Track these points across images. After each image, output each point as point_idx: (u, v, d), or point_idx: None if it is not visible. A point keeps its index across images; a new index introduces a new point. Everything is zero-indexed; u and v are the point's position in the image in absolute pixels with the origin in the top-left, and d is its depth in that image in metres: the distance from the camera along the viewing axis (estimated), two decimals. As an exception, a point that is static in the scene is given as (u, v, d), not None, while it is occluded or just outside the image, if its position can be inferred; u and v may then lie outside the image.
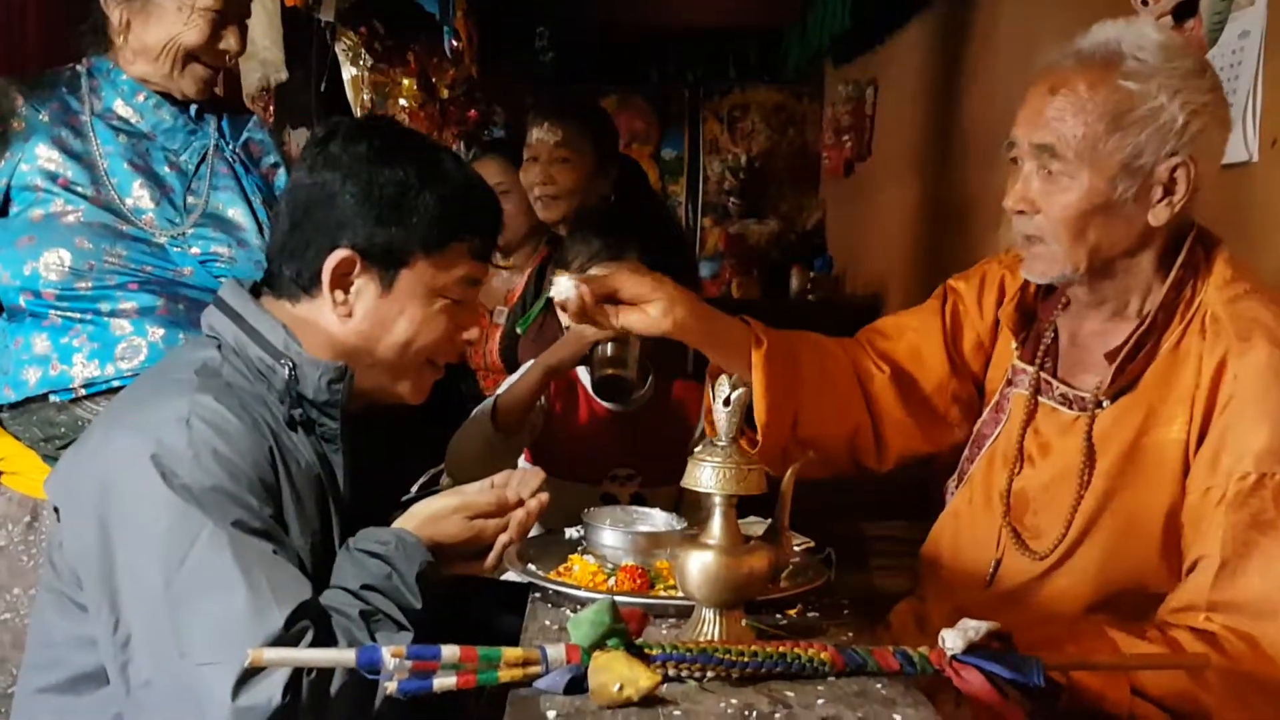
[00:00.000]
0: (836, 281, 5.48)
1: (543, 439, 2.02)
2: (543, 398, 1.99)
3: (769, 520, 1.35)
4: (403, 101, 4.86)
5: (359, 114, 4.46)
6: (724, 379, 1.23)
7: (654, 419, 2.00)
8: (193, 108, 1.82)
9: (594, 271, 1.86)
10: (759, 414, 1.51)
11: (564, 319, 2.01)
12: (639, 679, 1.02)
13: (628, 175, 3.05)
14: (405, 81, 4.82)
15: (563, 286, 1.40)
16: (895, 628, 1.67)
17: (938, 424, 1.67)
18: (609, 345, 1.86)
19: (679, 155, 6.22)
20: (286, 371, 1.29)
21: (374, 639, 1.19)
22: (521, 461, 2.08)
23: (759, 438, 1.51)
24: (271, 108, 3.79)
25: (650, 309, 1.45)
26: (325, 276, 1.31)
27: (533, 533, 1.76)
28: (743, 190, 6.14)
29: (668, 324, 1.45)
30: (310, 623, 1.15)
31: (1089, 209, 1.40)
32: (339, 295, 1.32)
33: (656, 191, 5.52)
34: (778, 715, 1.02)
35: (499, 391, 2.01)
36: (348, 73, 4.41)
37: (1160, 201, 1.41)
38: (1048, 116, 1.40)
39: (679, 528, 1.52)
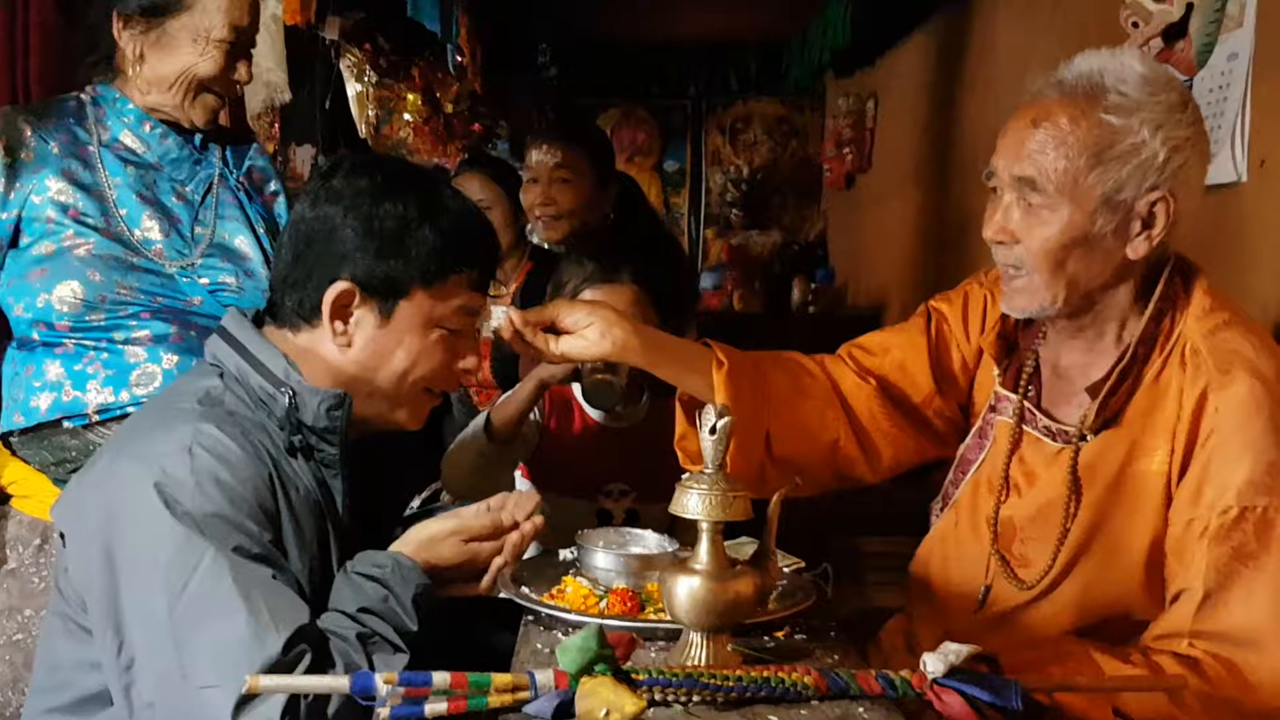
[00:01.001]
0: (838, 293, 5.50)
1: (538, 455, 2.05)
2: (536, 412, 2.02)
3: (759, 541, 1.38)
4: (407, 116, 4.89)
5: (363, 130, 4.50)
6: (710, 408, 1.26)
7: (649, 435, 2.02)
8: (197, 137, 1.84)
9: (586, 295, 1.90)
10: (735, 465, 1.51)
11: None
12: (624, 705, 1.05)
13: (625, 194, 3.08)
14: (410, 97, 4.86)
15: (496, 315, 1.45)
16: (885, 646, 1.70)
17: (926, 435, 1.68)
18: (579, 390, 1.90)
19: (681, 167, 6.25)
20: (287, 400, 1.32)
21: (371, 661, 1.22)
22: (519, 480, 2.11)
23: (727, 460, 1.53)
24: (276, 125, 3.84)
25: (588, 333, 1.49)
26: (325, 308, 1.34)
27: (530, 551, 1.80)
28: (745, 202, 6.17)
29: (606, 345, 1.48)
30: (308, 646, 1.18)
31: (1068, 242, 1.41)
32: (339, 326, 1.35)
33: (654, 209, 5.55)
34: (760, 739, 1.05)
35: (495, 404, 2.05)
36: (352, 89, 4.45)
37: (1139, 235, 1.42)
38: (1029, 149, 1.41)
39: (670, 549, 1.55)
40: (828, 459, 1.65)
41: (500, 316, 1.46)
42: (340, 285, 1.34)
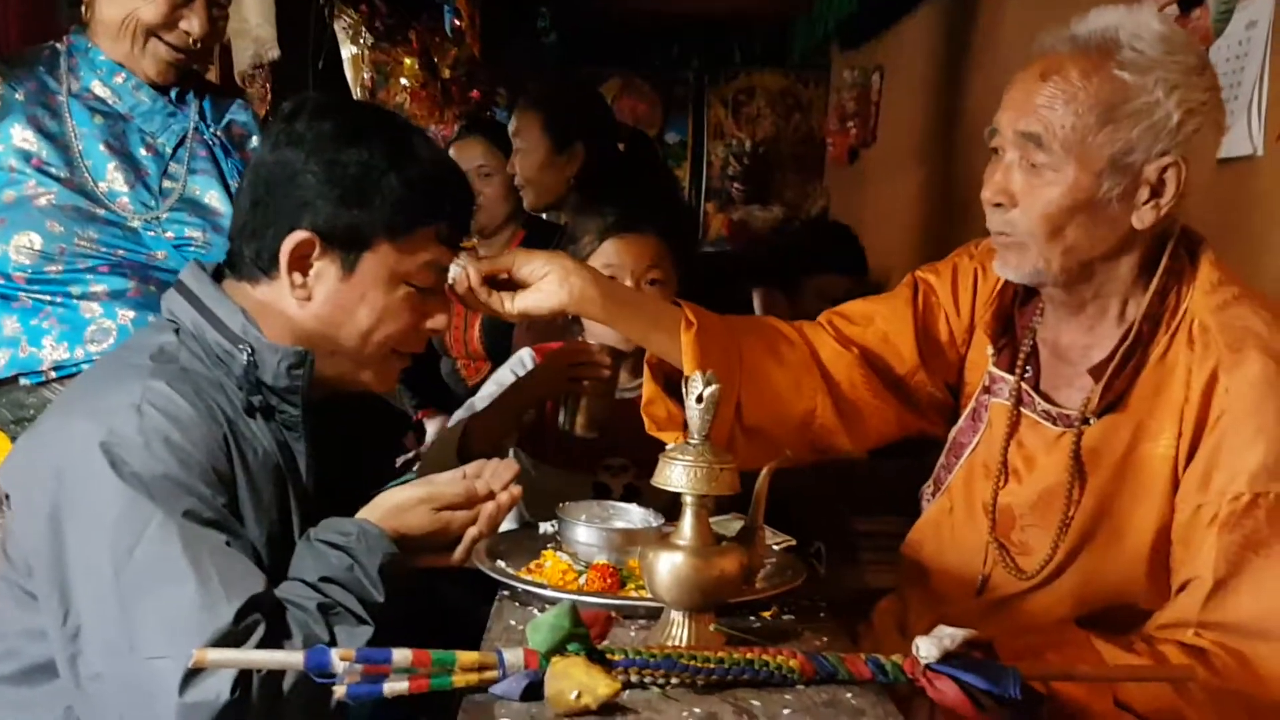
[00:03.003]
0: (840, 270, 5.43)
1: (536, 428, 1.99)
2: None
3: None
4: (404, 81, 4.81)
5: (358, 94, 4.42)
6: (697, 375, 1.19)
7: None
8: (173, 90, 1.78)
9: (606, 246, 1.85)
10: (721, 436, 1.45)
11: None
12: (597, 687, 0.98)
13: (639, 149, 3.01)
14: (407, 61, 4.78)
15: (452, 270, 1.37)
16: (877, 628, 1.64)
17: (909, 407, 1.61)
18: (582, 400, 1.81)
19: (683, 140, 6.14)
20: (244, 357, 1.26)
21: (333, 633, 1.16)
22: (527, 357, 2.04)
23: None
24: (269, 87, 3.75)
25: (544, 284, 1.42)
26: (284, 258, 1.27)
27: (512, 523, 1.73)
28: (746, 176, 6.07)
29: (564, 295, 1.41)
30: (262, 616, 1.12)
31: (1071, 205, 1.34)
32: (297, 278, 1.28)
33: (670, 170, 5.46)
34: (740, 726, 0.99)
35: (480, 399, 1.97)
36: (347, 51, 4.36)
37: (1146, 203, 1.34)
38: (1036, 103, 1.34)
39: (656, 524, 1.48)
40: (802, 429, 1.57)
41: (456, 271, 1.39)
42: (299, 235, 1.27)
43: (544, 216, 2.92)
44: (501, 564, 1.38)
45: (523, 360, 2.04)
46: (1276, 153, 1.96)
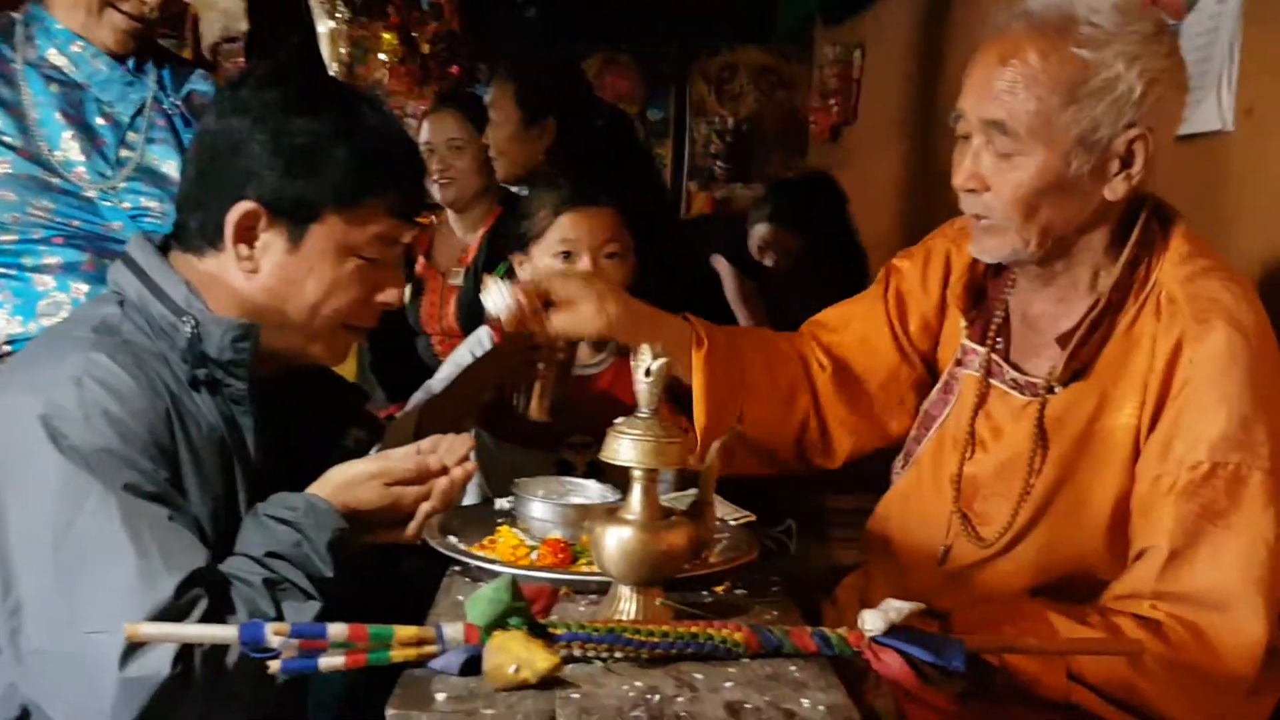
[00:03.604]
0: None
1: (495, 408, 1.97)
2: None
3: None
4: (382, 56, 4.77)
5: (335, 70, 4.39)
6: (645, 349, 1.18)
7: (613, 387, 1.95)
8: (131, 60, 1.76)
9: (563, 219, 1.84)
10: (699, 417, 1.49)
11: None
12: (535, 661, 0.97)
13: (617, 128, 2.99)
14: (385, 35, 4.74)
15: (496, 297, 1.38)
16: (841, 602, 1.64)
17: (891, 415, 1.63)
18: (535, 384, 1.78)
19: (665, 117, 6.09)
20: (188, 329, 1.24)
21: (279, 608, 1.15)
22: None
23: (698, 439, 1.48)
24: (242, 61, 3.72)
25: (582, 308, 1.45)
26: (229, 229, 1.25)
27: (472, 498, 1.72)
28: (729, 154, 6.04)
29: (601, 322, 1.45)
30: (204, 591, 1.10)
31: (1042, 187, 1.33)
32: (243, 249, 1.26)
33: (648, 149, 5.43)
34: (681, 699, 0.98)
35: (436, 381, 1.95)
36: (324, 26, 4.33)
37: (1117, 175, 1.34)
38: (997, 89, 1.32)
39: (613, 499, 1.47)
40: (796, 442, 1.61)
41: (503, 298, 1.41)
42: (244, 205, 1.24)
43: (515, 190, 2.90)
44: (452, 539, 1.36)
45: (480, 340, 2.03)
46: (1246, 128, 1.94)
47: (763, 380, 1.57)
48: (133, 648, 1.05)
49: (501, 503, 1.54)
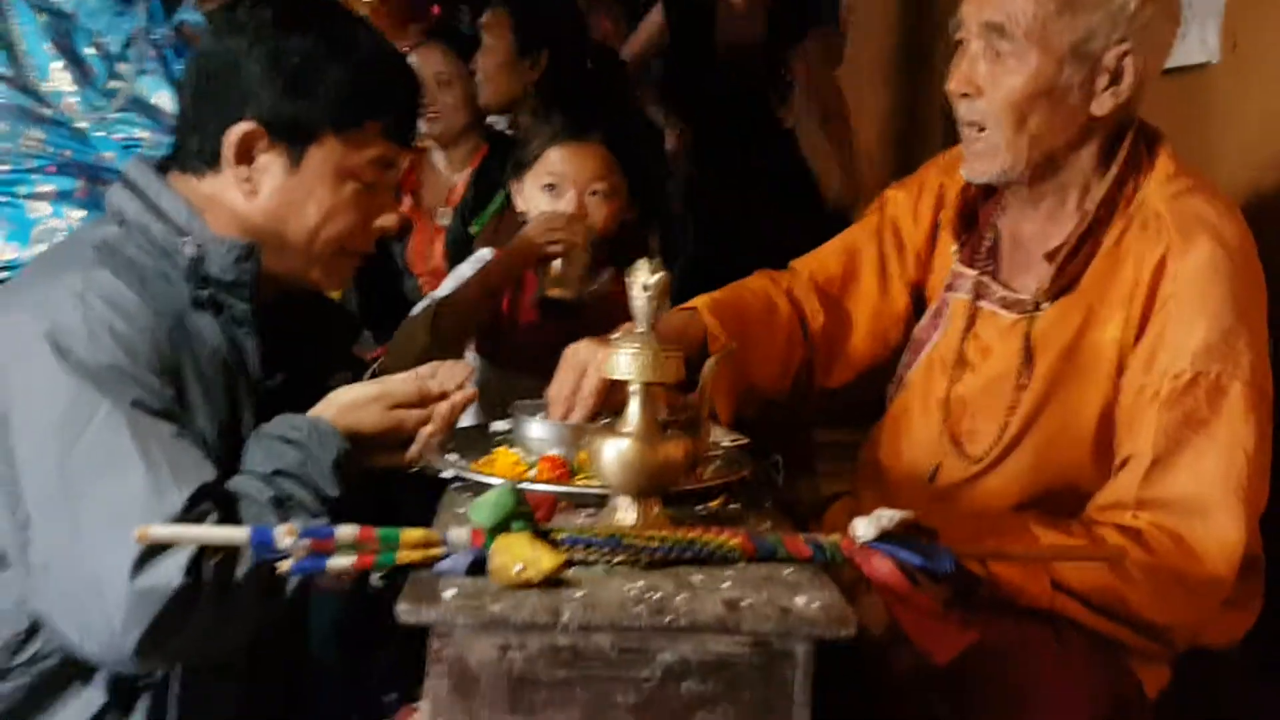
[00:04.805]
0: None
1: (490, 330, 1.99)
2: None
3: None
4: (365, -9, 4.70)
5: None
6: (642, 263, 1.20)
7: (606, 313, 1.96)
8: None
9: (551, 154, 1.85)
10: (723, 415, 1.53)
11: (527, 210, 1.96)
12: (540, 560, 1.00)
13: (606, 66, 2.98)
14: (368, -28, 4.66)
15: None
16: (828, 526, 1.67)
17: (887, 346, 1.67)
18: (555, 263, 1.82)
19: (650, 60, 6.07)
20: (191, 249, 1.24)
21: None
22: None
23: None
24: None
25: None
26: (228, 150, 1.25)
27: (468, 421, 1.74)
28: (715, 98, 6.01)
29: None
30: (213, 505, 1.12)
31: (1034, 92, 1.37)
32: (242, 170, 1.27)
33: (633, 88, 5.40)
34: (680, 597, 1.01)
35: (440, 293, 1.97)
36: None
37: (1105, 90, 1.38)
38: None
39: (607, 419, 1.49)
40: (792, 381, 1.66)
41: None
42: (243, 126, 1.25)
43: (503, 131, 2.89)
44: (453, 456, 1.39)
45: (482, 257, 2.04)
46: (1232, 61, 1.96)
47: (765, 345, 1.60)
48: (144, 558, 1.06)
49: (499, 425, 1.57)
